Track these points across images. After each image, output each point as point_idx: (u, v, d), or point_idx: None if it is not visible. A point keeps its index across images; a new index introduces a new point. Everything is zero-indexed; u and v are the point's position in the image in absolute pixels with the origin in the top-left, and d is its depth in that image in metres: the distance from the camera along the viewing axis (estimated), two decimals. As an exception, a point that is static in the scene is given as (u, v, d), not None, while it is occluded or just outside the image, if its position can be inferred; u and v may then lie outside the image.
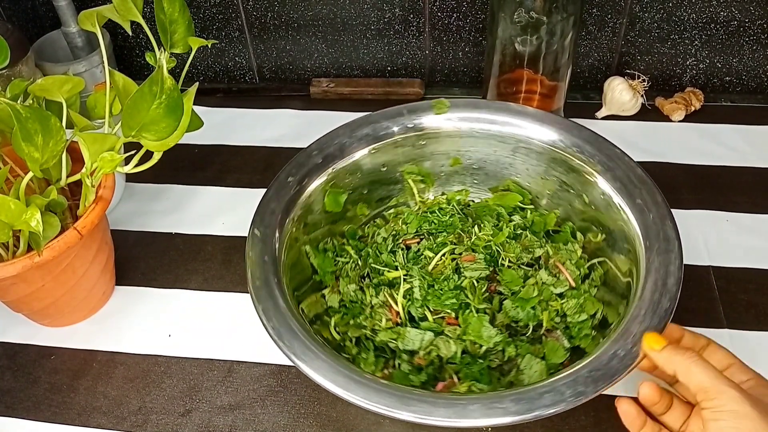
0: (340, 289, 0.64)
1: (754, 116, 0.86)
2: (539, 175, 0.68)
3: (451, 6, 0.87)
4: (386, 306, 0.62)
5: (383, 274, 0.64)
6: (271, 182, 0.63)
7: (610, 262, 0.62)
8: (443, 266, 0.63)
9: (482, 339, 0.58)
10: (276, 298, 0.54)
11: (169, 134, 0.55)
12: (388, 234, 0.68)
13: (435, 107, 0.67)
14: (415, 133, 0.68)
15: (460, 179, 0.72)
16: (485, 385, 0.56)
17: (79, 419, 0.61)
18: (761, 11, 0.83)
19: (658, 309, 0.51)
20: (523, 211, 0.69)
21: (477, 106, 0.68)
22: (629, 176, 0.60)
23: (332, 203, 0.66)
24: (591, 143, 0.64)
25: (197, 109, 0.62)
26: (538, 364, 0.57)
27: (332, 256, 0.66)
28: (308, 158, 0.65)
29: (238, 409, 0.61)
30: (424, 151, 0.69)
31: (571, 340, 0.59)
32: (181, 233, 0.77)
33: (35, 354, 0.67)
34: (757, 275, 0.69)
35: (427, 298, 0.61)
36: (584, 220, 0.65)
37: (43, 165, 0.55)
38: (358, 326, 0.61)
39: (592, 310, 0.60)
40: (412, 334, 0.59)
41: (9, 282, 0.58)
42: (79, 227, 0.58)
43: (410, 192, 0.71)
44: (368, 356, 0.59)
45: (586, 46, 0.89)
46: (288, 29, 0.92)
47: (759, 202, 0.76)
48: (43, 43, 0.88)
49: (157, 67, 0.52)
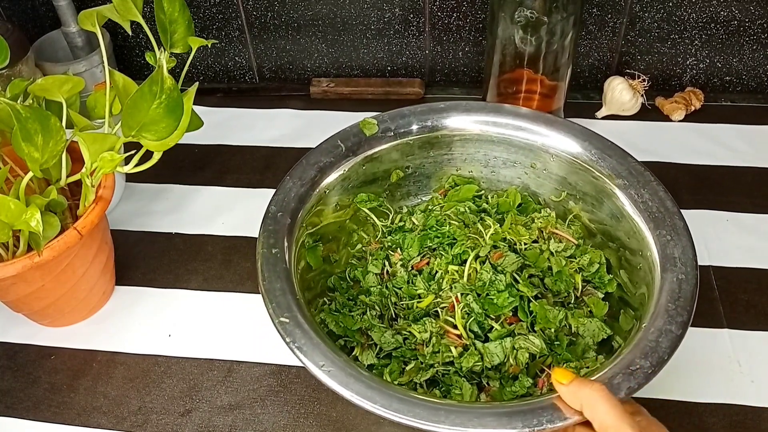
0: (375, 341, 0.60)
1: (754, 116, 0.86)
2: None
3: (451, 6, 0.87)
4: (442, 335, 0.59)
5: (413, 308, 0.61)
6: (258, 258, 0.56)
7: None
8: (480, 272, 0.61)
9: (550, 322, 0.59)
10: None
11: (169, 134, 0.55)
12: (396, 265, 0.65)
13: (365, 128, 0.67)
14: (358, 159, 0.66)
15: (405, 190, 0.72)
16: (576, 361, 0.57)
17: (79, 419, 0.61)
18: (761, 11, 0.83)
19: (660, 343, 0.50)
20: (481, 198, 0.71)
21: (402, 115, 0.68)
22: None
23: (314, 259, 0.64)
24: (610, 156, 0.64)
25: (197, 109, 0.63)
26: (592, 322, 0.60)
27: (347, 312, 0.62)
28: (276, 221, 0.59)
29: (238, 409, 0.61)
30: (368, 175, 0.68)
31: (599, 290, 0.63)
32: (181, 233, 0.77)
33: (35, 354, 0.67)
34: (757, 275, 0.69)
35: (485, 307, 0.59)
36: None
37: (43, 165, 0.55)
38: (426, 367, 0.58)
39: (597, 259, 0.64)
40: (492, 348, 0.57)
41: (9, 282, 0.58)
42: (79, 227, 0.58)
43: (370, 221, 0.70)
44: (463, 388, 0.56)
45: (586, 45, 0.89)
46: (288, 29, 0.92)
47: (759, 202, 0.76)
48: (43, 43, 0.88)
49: (157, 66, 0.52)
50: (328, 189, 0.65)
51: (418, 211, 0.71)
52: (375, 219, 0.70)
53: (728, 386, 0.60)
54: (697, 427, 0.58)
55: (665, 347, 0.49)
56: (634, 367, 0.48)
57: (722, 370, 0.62)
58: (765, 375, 0.61)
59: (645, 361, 0.48)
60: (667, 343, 0.49)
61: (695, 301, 0.52)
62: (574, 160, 0.65)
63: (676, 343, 0.49)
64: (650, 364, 0.48)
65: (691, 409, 0.59)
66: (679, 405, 0.59)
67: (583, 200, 0.66)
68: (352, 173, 0.66)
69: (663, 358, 0.48)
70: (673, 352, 0.49)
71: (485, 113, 0.68)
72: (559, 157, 0.66)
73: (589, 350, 0.59)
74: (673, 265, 0.54)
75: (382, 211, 0.71)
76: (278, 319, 0.52)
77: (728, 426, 0.58)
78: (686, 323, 0.50)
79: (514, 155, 0.69)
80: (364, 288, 0.65)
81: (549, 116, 0.67)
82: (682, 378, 0.61)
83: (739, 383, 0.61)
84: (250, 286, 0.71)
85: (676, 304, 0.51)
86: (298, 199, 0.61)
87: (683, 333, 0.50)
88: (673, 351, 0.49)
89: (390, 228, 0.70)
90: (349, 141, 0.66)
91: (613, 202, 0.62)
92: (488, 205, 0.70)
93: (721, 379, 0.61)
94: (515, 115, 0.67)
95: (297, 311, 0.53)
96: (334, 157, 0.65)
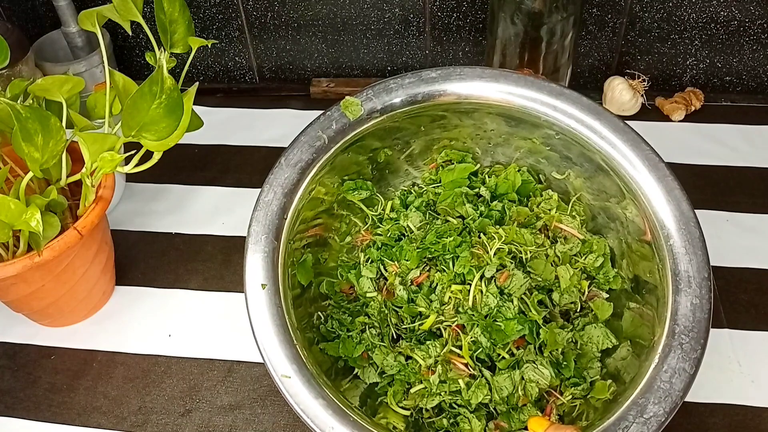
0: (375, 362, 0.58)
1: (754, 116, 0.86)
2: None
3: (451, 6, 0.87)
4: (447, 361, 0.57)
5: (416, 330, 0.59)
6: (246, 298, 0.53)
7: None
8: (485, 295, 0.58)
9: (558, 344, 0.57)
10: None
11: (169, 134, 0.55)
12: (395, 282, 0.62)
13: (347, 110, 0.61)
14: (341, 146, 0.61)
15: (394, 167, 0.67)
16: (581, 380, 0.56)
17: (79, 419, 0.61)
18: (761, 11, 0.83)
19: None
20: (477, 177, 0.67)
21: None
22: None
23: (304, 275, 0.60)
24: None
25: (197, 109, 0.63)
26: (596, 328, 0.58)
27: (346, 333, 0.60)
28: (259, 244, 0.55)
29: (238, 409, 0.61)
30: (354, 159, 0.63)
31: (603, 288, 0.61)
32: (181, 233, 0.77)
33: (35, 354, 0.67)
34: (757, 275, 0.69)
35: (492, 338, 0.56)
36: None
37: (43, 165, 0.55)
38: (434, 394, 0.56)
39: (602, 251, 0.61)
40: (501, 381, 0.55)
41: (9, 282, 0.58)
42: (79, 227, 0.58)
43: (361, 213, 0.67)
44: (473, 425, 0.54)
45: (586, 45, 0.89)
46: (288, 29, 0.92)
47: (759, 202, 0.76)
48: (43, 43, 0.88)
49: (157, 67, 0.52)
50: (311, 189, 0.60)
51: (411, 198, 0.66)
52: (364, 208, 0.66)
53: (728, 386, 0.61)
54: (697, 427, 0.58)
55: (678, 390, 0.46)
56: (648, 415, 0.46)
57: (722, 370, 0.62)
58: (765, 375, 0.61)
59: (659, 408, 0.46)
60: (681, 384, 0.47)
61: (708, 333, 0.49)
62: (582, 138, 0.59)
63: (690, 383, 0.47)
64: (664, 411, 0.46)
65: (691, 409, 0.59)
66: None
67: (587, 179, 0.62)
68: (337, 163, 0.62)
69: (676, 402, 0.46)
70: (686, 394, 0.46)
71: (483, 80, 0.61)
72: (564, 134, 0.60)
73: (593, 360, 0.58)
74: (688, 286, 0.51)
75: (372, 200, 0.67)
76: (279, 375, 0.50)
77: (728, 426, 0.58)
78: (699, 360, 0.48)
79: (515, 128, 0.63)
80: (359, 293, 0.63)
81: (554, 86, 0.60)
82: (682, 378, 0.61)
83: (739, 383, 0.61)
84: (250, 286, 0.71)
85: (690, 336, 0.49)
86: (281, 213, 0.57)
87: (695, 372, 0.47)
88: (686, 393, 0.46)
89: (380, 215, 0.67)
90: (331, 130, 0.60)
91: (615, 182, 0.58)
92: (485, 187, 0.66)
93: (721, 379, 0.61)
94: (516, 83, 0.60)
95: (298, 366, 0.50)
96: (316, 152, 0.59)
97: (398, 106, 0.62)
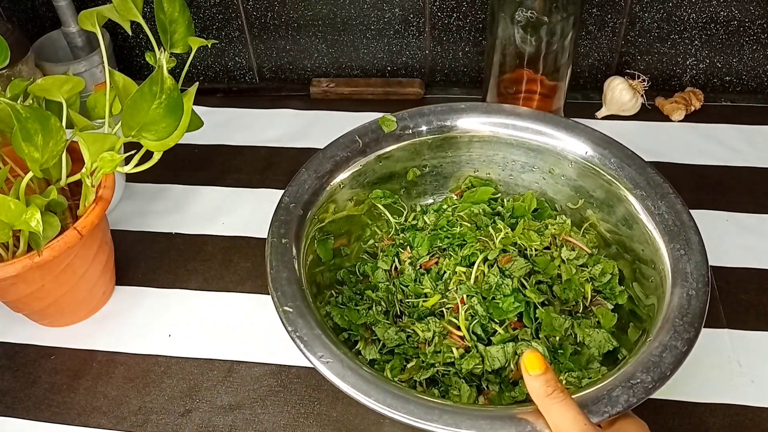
0: (378, 337, 0.60)
1: (754, 116, 0.87)
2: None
3: (451, 6, 0.87)
4: (445, 335, 0.59)
5: (419, 306, 0.61)
6: (268, 247, 0.57)
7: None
8: (487, 275, 0.61)
9: (555, 330, 0.58)
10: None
11: (169, 134, 0.55)
12: (405, 263, 0.65)
13: (384, 124, 0.66)
14: (373, 156, 0.66)
15: (422, 188, 0.71)
16: (579, 371, 0.57)
17: (79, 419, 0.61)
18: (761, 11, 0.83)
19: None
20: (496, 201, 0.70)
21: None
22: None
23: (324, 251, 0.64)
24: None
25: (197, 109, 0.63)
26: (599, 332, 0.59)
27: (353, 306, 0.62)
28: (288, 212, 0.60)
29: (238, 409, 0.61)
30: (384, 172, 0.68)
31: (609, 301, 0.62)
32: (181, 233, 0.77)
33: (35, 354, 0.67)
34: (757, 275, 0.69)
35: (489, 311, 0.58)
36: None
37: (43, 165, 0.55)
38: (427, 366, 0.57)
39: (610, 270, 0.63)
40: (493, 352, 0.56)
41: (9, 282, 0.58)
42: (79, 227, 0.58)
43: (384, 218, 0.70)
44: (461, 390, 0.56)
45: (586, 46, 0.89)
46: (288, 29, 0.92)
47: (759, 202, 0.76)
48: (43, 43, 0.88)
49: (157, 67, 0.52)
50: (342, 184, 0.64)
51: (432, 210, 0.70)
52: (389, 215, 0.69)
53: (728, 386, 0.61)
54: (697, 427, 0.58)
55: (668, 363, 0.48)
56: (635, 380, 0.47)
57: (722, 370, 0.62)
58: (765, 375, 0.61)
59: (646, 376, 0.47)
60: (671, 359, 0.48)
61: (704, 318, 0.51)
62: (592, 168, 0.64)
63: (681, 360, 0.48)
64: (651, 378, 0.47)
65: (691, 409, 0.59)
66: (679, 405, 0.60)
67: (599, 208, 0.65)
68: (368, 169, 0.66)
69: (665, 374, 0.47)
70: (676, 368, 0.48)
71: (505, 116, 0.67)
72: (577, 164, 0.65)
73: (593, 361, 0.58)
74: (684, 280, 0.53)
75: (397, 208, 0.70)
76: (282, 308, 0.52)
77: (728, 426, 0.58)
78: (692, 340, 0.49)
79: (533, 159, 0.68)
80: (373, 283, 0.65)
81: (569, 121, 0.67)
82: (681, 378, 0.60)
83: (739, 383, 0.61)
84: (250, 286, 0.71)
85: (684, 320, 0.50)
86: (312, 192, 0.62)
87: (689, 350, 0.49)
88: (677, 367, 0.48)
89: (403, 225, 0.70)
90: (367, 137, 0.66)
91: (628, 210, 0.61)
92: (503, 209, 0.69)
93: (721, 379, 0.61)
94: (535, 119, 0.67)
95: (301, 302, 0.53)
96: (350, 152, 0.65)
97: (431, 131, 0.68)
